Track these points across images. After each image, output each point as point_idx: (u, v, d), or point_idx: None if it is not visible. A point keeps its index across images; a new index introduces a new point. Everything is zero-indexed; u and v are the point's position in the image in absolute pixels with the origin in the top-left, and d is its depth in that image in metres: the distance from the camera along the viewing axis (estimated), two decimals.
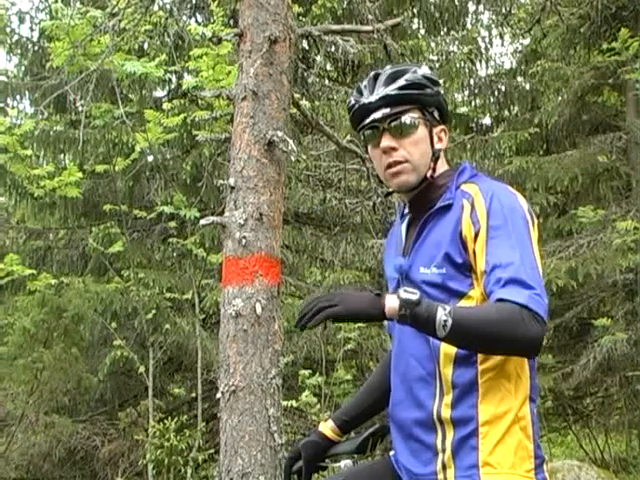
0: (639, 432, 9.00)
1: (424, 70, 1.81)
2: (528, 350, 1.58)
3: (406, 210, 1.87)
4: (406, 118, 1.75)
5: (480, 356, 1.64)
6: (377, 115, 1.76)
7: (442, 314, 1.54)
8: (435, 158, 1.79)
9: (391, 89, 1.76)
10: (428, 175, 1.78)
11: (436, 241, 1.71)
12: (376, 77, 1.80)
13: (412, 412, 1.72)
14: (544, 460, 1.67)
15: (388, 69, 1.81)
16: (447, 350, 1.66)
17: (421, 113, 1.77)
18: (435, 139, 1.79)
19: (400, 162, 1.75)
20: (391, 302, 1.57)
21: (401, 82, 1.76)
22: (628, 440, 9.17)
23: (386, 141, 1.76)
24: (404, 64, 1.89)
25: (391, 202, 5.07)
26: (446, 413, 1.65)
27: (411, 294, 1.57)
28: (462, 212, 1.68)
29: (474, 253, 1.64)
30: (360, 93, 1.81)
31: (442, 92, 1.83)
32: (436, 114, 1.81)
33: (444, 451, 1.65)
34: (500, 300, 1.56)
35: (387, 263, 1.92)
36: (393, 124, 1.75)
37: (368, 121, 1.78)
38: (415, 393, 1.72)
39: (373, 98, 1.76)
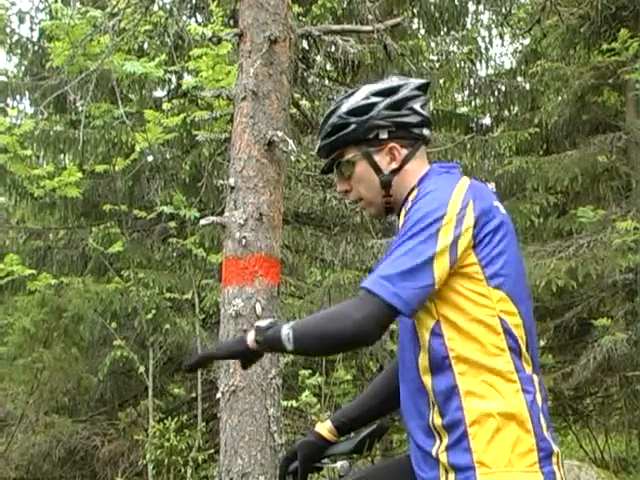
0: (639, 432, 9.00)
1: (350, 102, 1.80)
2: (350, 339, 1.61)
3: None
4: (343, 161, 1.82)
5: (454, 359, 1.64)
6: (325, 166, 1.88)
7: (286, 329, 1.63)
8: (385, 184, 1.79)
9: (321, 140, 1.85)
10: (384, 203, 1.82)
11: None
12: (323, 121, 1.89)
13: (415, 421, 1.75)
14: (553, 452, 1.63)
15: (327, 109, 1.89)
16: (422, 362, 1.68)
17: (356, 149, 1.80)
18: (383, 163, 1.79)
19: (356, 201, 1.85)
20: (250, 335, 1.70)
21: (326, 130, 1.83)
22: (628, 440, 9.18)
23: (339, 186, 1.86)
24: (340, 96, 1.91)
25: None
26: (438, 421, 1.67)
27: (263, 322, 1.70)
28: (401, 217, 1.75)
29: None
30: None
31: (381, 108, 1.77)
32: (382, 135, 1.78)
33: (442, 457, 1.66)
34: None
35: None
36: (336, 170, 1.85)
37: (326, 170, 1.90)
38: (416, 403, 1.74)
39: (317, 149, 1.89)
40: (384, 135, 1.78)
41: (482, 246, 1.64)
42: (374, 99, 1.79)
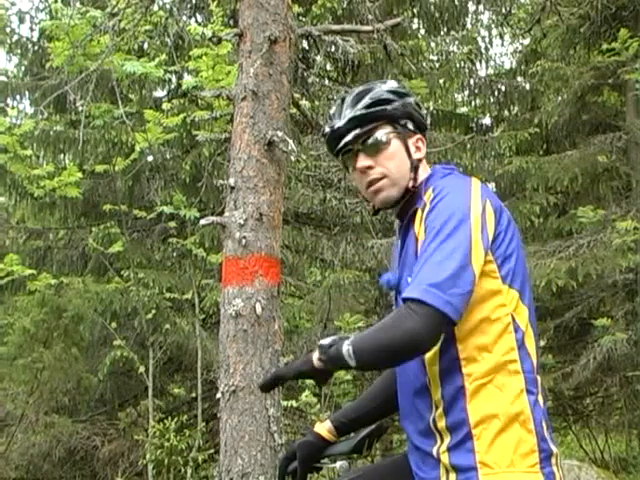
0: (639, 432, 9.00)
1: (389, 85, 1.84)
2: (410, 349, 1.58)
3: (397, 224, 1.90)
4: (377, 135, 1.78)
5: (463, 361, 1.64)
6: (348, 138, 1.79)
7: (346, 345, 1.60)
8: (414, 168, 1.80)
9: (357, 110, 1.79)
10: (410, 186, 1.79)
11: (410, 249, 1.74)
12: (343, 101, 1.84)
13: (414, 423, 1.75)
14: (553, 453, 1.64)
15: (354, 90, 1.85)
16: (431, 363, 1.68)
17: (392, 127, 1.79)
18: (412, 149, 1.81)
19: (379, 179, 1.78)
20: (315, 354, 1.67)
21: (366, 101, 1.79)
22: (628, 440, 9.18)
23: (361, 161, 1.78)
24: (369, 83, 1.90)
25: None
26: (441, 422, 1.67)
27: (327, 340, 1.66)
28: (417, 220, 1.72)
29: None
30: (331, 120, 1.84)
31: (413, 102, 1.84)
32: (410, 125, 1.82)
33: (442, 457, 1.66)
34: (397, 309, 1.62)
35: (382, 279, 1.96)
36: (365, 143, 1.78)
37: (341, 145, 1.81)
38: (416, 405, 1.74)
39: (342, 122, 1.80)
40: (411, 126, 1.82)
41: (497, 244, 1.65)
42: (406, 91, 1.86)
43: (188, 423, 6.67)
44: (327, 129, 1.85)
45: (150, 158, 8.06)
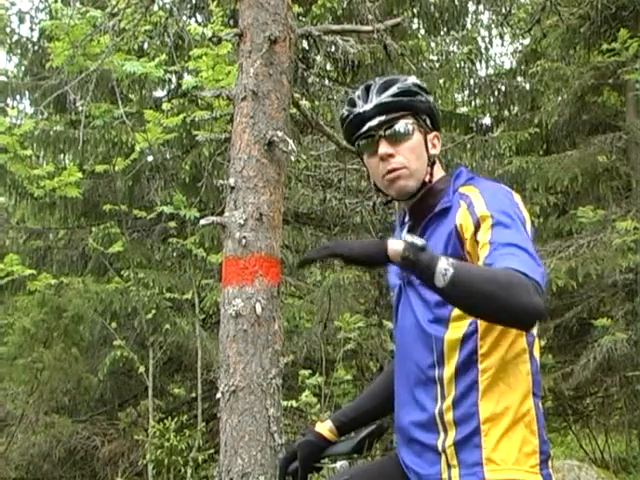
0: (639, 432, 8.99)
1: (414, 79, 1.85)
2: (528, 318, 1.52)
3: (406, 218, 1.88)
4: (401, 124, 1.78)
5: (481, 357, 1.65)
6: (373, 123, 1.78)
7: (445, 263, 1.50)
8: (431, 163, 1.81)
9: (385, 97, 1.78)
10: (426, 180, 1.80)
11: (435, 244, 1.70)
12: (368, 88, 1.83)
13: (413, 415, 1.74)
14: (549, 456, 1.67)
15: (379, 80, 1.84)
16: (451, 354, 1.67)
17: (415, 119, 1.80)
18: (430, 145, 1.82)
19: (398, 168, 1.77)
20: (395, 245, 1.54)
21: (394, 90, 1.79)
22: (628, 440, 9.17)
23: (383, 148, 1.77)
24: (393, 75, 1.91)
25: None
26: (448, 414, 1.66)
27: (416, 239, 1.55)
28: (459, 210, 1.70)
29: (474, 241, 1.63)
30: (353, 104, 1.83)
31: (432, 101, 1.87)
32: (428, 121, 1.84)
33: (447, 451, 1.66)
34: (507, 268, 1.53)
35: (389, 271, 1.93)
36: (389, 131, 1.78)
37: (364, 130, 1.80)
38: (417, 397, 1.73)
39: (368, 107, 1.78)
40: (429, 123, 1.84)
41: None
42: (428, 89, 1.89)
43: (188, 423, 6.66)
44: (347, 112, 1.83)
45: (150, 158, 8.06)
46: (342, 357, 7.07)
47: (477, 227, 1.63)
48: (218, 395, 3.73)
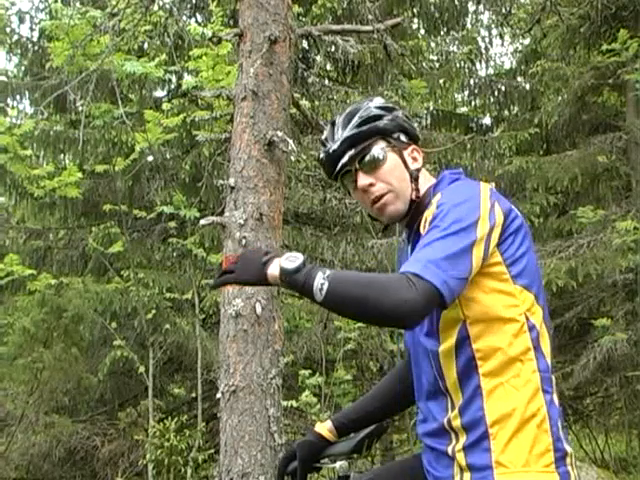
0: (639, 432, 8.99)
1: (376, 101, 1.85)
2: (402, 315, 1.53)
3: (404, 235, 1.90)
4: (372, 151, 1.78)
5: (479, 361, 1.65)
6: (345, 159, 1.79)
7: (320, 278, 1.54)
8: (414, 179, 1.81)
9: (348, 130, 1.79)
10: (413, 197, 1.80)
11: None
12: (333, 124, 1.85)
13: (427, 426, 1.76)
14: (567, 453, 1.65)
15: (342, 113, 1.86)
16: (448, 364, 1.68)
17: (385, 142, 1.80)
18: (409, 161, 1.82)
19: (382, 195, 1.78)
20: (273, 270, 1.61)
21: (356, 120, 1.80)
22: (628, 440, 9.17)
23: (362, 180, 1.78)
24: (356, 103, 1.91)
25: None
26: (456, 421, 1.67)
27: (291, 261, 1.59)
28: (423, 219, 1.72)
29: None
30: (324, 145, 1.85)
31: (401, 114, 1.85)
32: (403, 137, 1.83)
33: (457, 456, 1.66)
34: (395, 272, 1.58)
35: None
36: (362, 162, 1.78)
37: (339, 168, 1.81)
38: (431, 409, 1.75)
39: (335, 145, 1.80)
40: (404, 138, 1.83)
41: (506, 246, 1.66)
42: (393, 105, 1.88)
43: (188, 423, 6.66)
44: (321, 154, 1.85)
45: (150, 158, 8.06)
46: (342, 357, 7.07)
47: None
48: (218, 395, 3.74)
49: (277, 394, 3.72)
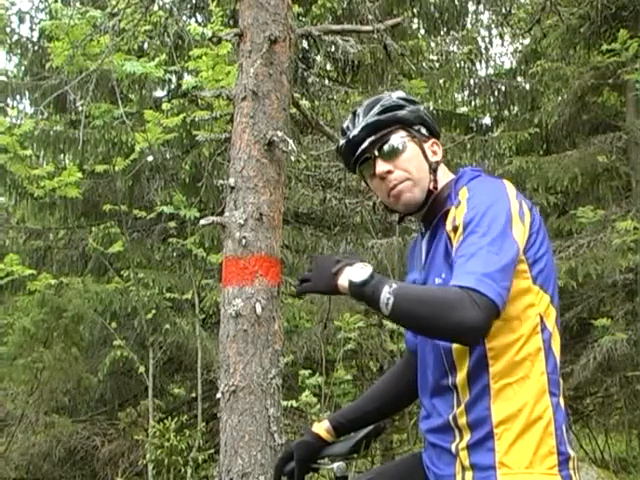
0: (639, 432, 8.99)
1: (398, 93, 1.88)
2: (465, 336, 1.55)
3: (420, 229, 1.90)
4: (393, 139, 1.79)
5: (490, 360, 1.65)
6: (364, 145, 1.80)
7: (387, 292, 1.56)
8: (433, 170, 1.81)
9: (370, 117, 1.81)
10: (431, 188, 1.80)
11: (440, 250, 1.73)
12: (354, 113, 1.86)
13: (432, 422, 1.76)
14: (570, 457, 1.65)
15: (364, 102, 1.87)
16: (461, 361, 1.67)
17: (406, 131, 1.81)
18: (429, 153, 1.82)
19: (400, 182, 1.78)
20: (343, 282, 1.64)
21: (378, 108, 1.81)
22: (628, 440, 9.17)
23: (380, 166, 1.78)
24: (378, 95, 1.92)
25: None
26: (462, 418, 1.67)
27: (360, 274, 1.61)
28: (449, 216, 1.71)
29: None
30: (344, 133, 1.86)
31: (423, 109, 1.87)
32: (423, 130, 1.84)
33: (460, 453, 1.66)
34: (450, 286, 1.57)
35: (408, 280, 1.95)
36: (382, 149, 1.79)
37: (358, 153, 1.82)
38: (436, 405, 1.75)
39: (356, 131, 1.81)
40: (425, 131, 1.84)
41: (530, 245, 1.66)
42: (415, 99, 1.90)
43: (188, 423, 6.66)
44: (342, 141, 1.86)
45: (150, 158, 8.05)
46: (342, 357, 7.07)
47: (455, 234, 1.66)
48: (218, 395, 3.73)
49: (277, 394, 3.72)
